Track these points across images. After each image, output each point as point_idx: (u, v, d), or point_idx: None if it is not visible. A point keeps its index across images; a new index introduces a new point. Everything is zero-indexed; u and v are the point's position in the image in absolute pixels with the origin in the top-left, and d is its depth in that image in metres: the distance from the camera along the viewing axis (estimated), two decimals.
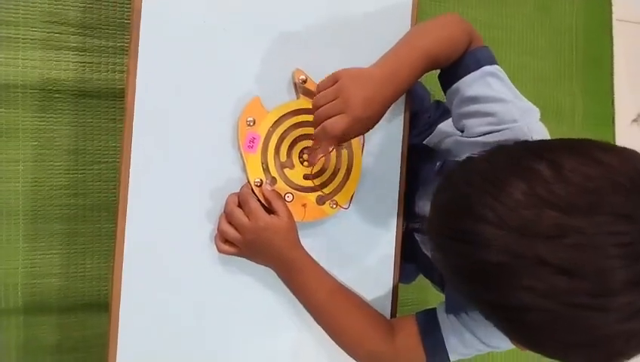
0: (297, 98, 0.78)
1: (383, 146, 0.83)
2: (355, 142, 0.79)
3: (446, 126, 0.89)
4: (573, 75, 1.85)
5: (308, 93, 0.77)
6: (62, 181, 1.20)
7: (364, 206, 0.82)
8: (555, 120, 1.79)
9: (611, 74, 1.90)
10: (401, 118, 0.84)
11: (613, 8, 1.89)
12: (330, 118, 0.65)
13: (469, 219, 0.50)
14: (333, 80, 0.68)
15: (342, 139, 0.68)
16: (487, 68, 0.73)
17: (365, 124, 0.68)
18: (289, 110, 0.77)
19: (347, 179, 0.79)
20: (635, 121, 1.95)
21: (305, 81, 0.76)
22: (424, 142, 0.87)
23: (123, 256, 0.72)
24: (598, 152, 0.50)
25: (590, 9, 1.86)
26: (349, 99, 0.65)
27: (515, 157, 0.53)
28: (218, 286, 0.77)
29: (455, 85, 0.75)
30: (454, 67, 0.75)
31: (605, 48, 1.89)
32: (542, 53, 1.79)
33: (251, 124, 0.75)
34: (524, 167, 0.50)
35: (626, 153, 0.51)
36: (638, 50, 1.96)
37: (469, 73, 0.73)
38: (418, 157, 0.85)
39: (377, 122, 0.70)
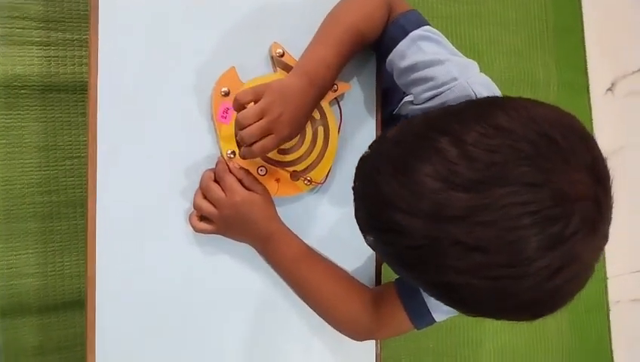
0: (274, 72, 0.77)
1: (358, 123, 0.82)
2: (332, 120, 0.78)
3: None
4: (545, 45, 1.85)
5: (285, 67, 0.75)
6: (34, 178, 1.18)
7: (341, 182, 0.81)
8: (531, 92, 1.80)
9: (583, 43, 1.91)
10: (374, 94, 0.83)
11: None
12: (258, 139, 0.66)
13: (385, 209, 0.52)
14: (254, 95, 0.67)
15: None
16: (415, 33, 0.71)
17: (292, 137, 0.71)
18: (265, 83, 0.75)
19: (322, 156, 0.78)
20: (609, 90, 1.96)
21: (282, 55, 0.75)
22: (394, 113, 0.86)
23: (95, 246, 0.71)
24: (501, 117, 0.50)
25: None
26: (277, 120, 0.66)
27: (421, 135, 0.53)
28: (195, 268, 0.76)
29: (389, 59, 0.74)
30: (382, 41, 0.75)
31: (575, 17, 1.90)
32: (513, 25, 1.79)
33: (226, 94, 0.74)
34: (429, 148, 0.50)
35: (529, 113, 0.51)
36: (609, 18, 1.97)
37: (398, 43, 0.72)
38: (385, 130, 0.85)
39: (303, 128, 0.74)
